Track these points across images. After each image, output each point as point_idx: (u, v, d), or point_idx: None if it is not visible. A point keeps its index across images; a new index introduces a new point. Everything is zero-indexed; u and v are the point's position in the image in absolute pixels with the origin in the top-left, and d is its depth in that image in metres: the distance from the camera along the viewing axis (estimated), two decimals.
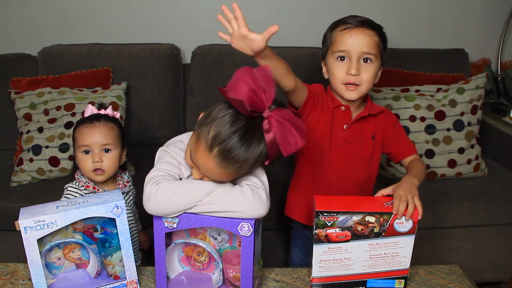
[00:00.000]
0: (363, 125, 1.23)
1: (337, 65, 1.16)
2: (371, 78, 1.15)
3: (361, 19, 1.15)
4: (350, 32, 1.14)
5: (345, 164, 1.24)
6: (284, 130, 0.86)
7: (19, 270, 1.08)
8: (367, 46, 1.13)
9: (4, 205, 1.66)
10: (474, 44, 2.31)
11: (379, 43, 1.15)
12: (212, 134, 0.87)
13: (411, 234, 0.97)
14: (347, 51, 1.14)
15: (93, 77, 2.02)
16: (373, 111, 1.22)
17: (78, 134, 1.20)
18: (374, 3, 2.25)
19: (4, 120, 2.05)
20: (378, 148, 1.26)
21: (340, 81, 1.16)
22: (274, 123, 0.86)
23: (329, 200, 0.98)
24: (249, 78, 0.85)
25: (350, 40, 1.13)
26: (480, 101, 1.88)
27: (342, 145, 1.22)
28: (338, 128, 1.22)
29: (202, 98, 2.11)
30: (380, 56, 1.16)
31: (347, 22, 1.16)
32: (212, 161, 0.88)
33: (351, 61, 1.14)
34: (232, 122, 0.87)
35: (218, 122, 0.87)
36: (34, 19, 2.23)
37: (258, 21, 2.29)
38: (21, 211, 0.91)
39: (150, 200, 0.90)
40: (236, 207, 0.91)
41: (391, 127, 1.26)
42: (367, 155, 1.24)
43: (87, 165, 1.18)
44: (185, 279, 1.04)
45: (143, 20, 2.26)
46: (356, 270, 1.00)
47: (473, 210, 1.74)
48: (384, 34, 1.18)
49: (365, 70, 1.14)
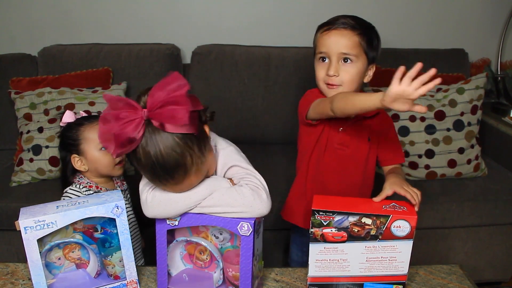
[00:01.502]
0: (359, 127, 1.22)
1: (319, 65, 1.19)
2: (352, 78, 1.15)
3: (343, 20, 1.15)
4: (328, 34, 1.16)
5: (341, 167, 1.23)
6: (166, 112, 0.81)
7: (19, 270, 1.08)
8: (345, 47, 1.13)
9: (4, 205, 1.67)
10: (474, 44, 2.31)
11: (360, 42, 1.14)
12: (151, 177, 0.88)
13: (409, 239, 0.96)
14: (326, 52, 1.16)
15: (93, 77, 2.02)
16: (368, 113, 1.20)
17: (91, 133, 1.20)
18: (374, 3, 2.25)
19: (4, 120, 2.05)
20: (374, 149, 1.25)
21: (321, 81, 1.19)
22: (157, 116, 0.81)
23: (327, 200, 0.98)
24: (111, 124, 0.81)
25: (329, 41, 1.15)
26: (480, 101, 1.88)
27: (337, 148, 1.22)
28: (333, 131, 1.22)
29: (202, 98, 2.06)
30: (365, 55, 1.16)
31: (329, 23, 1.17)
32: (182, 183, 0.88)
33: (330, 62, 1.15)
34: (146, 161, 0.84)
35: (144, 167, 0.85)
36: (34, 19, 2.23)
37: (258, 21, 2.31)
38: (21, 211, 0.91)
39: (148, 207, 0.91)
40: (236, 208, 0.91)
41: (385, 131, 1.26)
42: (363, 157, 1.24)
43: (108, 160, 1.21)
44: (187, 277, 1.05)
45: (143, 20, 2.26)
46: (352, 272, 1.00)
47: (473, 210, 1.74)
48: (371, 33, 1.17)
49: (345, 71, 1.15)
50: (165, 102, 0.81)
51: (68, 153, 1.24)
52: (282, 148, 2.09)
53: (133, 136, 0.81)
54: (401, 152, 1.27)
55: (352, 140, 1.22)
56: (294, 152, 1.30)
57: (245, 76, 2.09)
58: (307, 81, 2.13)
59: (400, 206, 0.97)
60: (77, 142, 1.21)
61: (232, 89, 2.09)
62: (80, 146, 1.22)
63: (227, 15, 2.28)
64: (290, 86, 2.09)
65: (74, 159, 1.23)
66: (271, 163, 1.95)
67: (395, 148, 1.26)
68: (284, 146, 2.10)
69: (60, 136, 1.26)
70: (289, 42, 2.24)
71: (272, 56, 2.11)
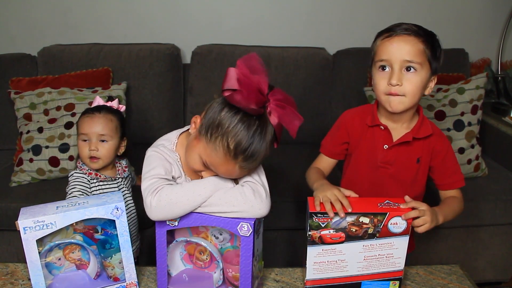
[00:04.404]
0: (407, 147, 1.13)
1: (379, 75, 1.09)
2: (416, 89, 1.06)
3: (406, 26, 1.07)
4: (390, 40, 1.06)
5: (382, 187, 1.17)
6: (283, 111, 0.89)
7: (19, 270, 1.08)
8: (409, 54, 1.04)
9: (4, 205, 1.66)
10: (474, 44, 2.31)
11: (424, 50, 1.05)
12: (234, 145, 0.87)
13: (405, 235, 0.97)
14: (387, 60, 1.06)
15: (93, 77, 2.02)
16: (420, 134, 1.12)
17: (80, 123, 1.29)
18: (374, 3, 2.25)
19: (4, 120, 2.05)
20: (424, 170, 1.17)
21: (382, 92, 1.08)
22: (273, 107, 0.89)
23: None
24: (245, 77, 0.86)
25: (391, 48, 1.06)
26: (480, 101, 1.88)
27: (380, 166, 1.16)
28: (378, 148, 1.15)
29: (202, 98, 2.11)
30: (429, 64, 1.07)
31: (390, 29, 1.08)
32: (237, 166, 0.90)
33: (392, 71, 1.06)
34: (248, 127, 0.87)
35: (234, 132, 0.87)
36: (34, 19, 2.23)
37: (258, 21, 2.31)
38: (21, 211, 0.91)
39: (152, 211, 0.91)
40: (237, 208, 0.92)
41: (441, 157, 1.15)
42: (408, 178, 1.16)
43: (84, 152, 1.27)
44: (187, 277, 1.05)
45: (143, 20, 2.26)
46: (350, 272, 1.00)
47: (474, 210, 1.74)
48: (435, 41, 1.09)
49: (408, 80, 1.05)
50: (285, 99, 0.90)
51: None
52: (282, 147, 2.08)
53: (265, 99, 0.88)
54: (459, 176, 1.17)
55: (398, 160, 1.14)
56: (293, 152, 1.29)
57: None
58: (307, 80, 2.13)
59: (395, 203, 0.97)
60: (77, 129, 1.31)
61: None
62: (77, 132, 1.31)
63: (227, 15, 2.28)
64: (290, 86, 2.09)
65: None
66: (270, 162, 1.95)
67: (452, 172, 1.16)
68: (284, 146, 2.10)
69: None
70: (289, 42, 2.24)
71: (272, 56, 2.11)
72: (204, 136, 0.91)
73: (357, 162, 1.20)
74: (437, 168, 1.16)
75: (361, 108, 1.21)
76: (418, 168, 1.16)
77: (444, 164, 1.16)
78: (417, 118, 1.15)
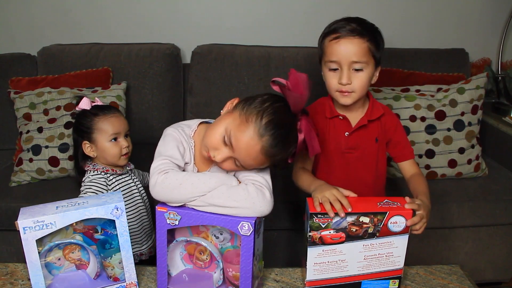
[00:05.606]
0: (365, 130, 1.24)
1: (330, 74, 1.18)
2: (364, 84, 1.17)
3: (350, 27, 1.14)
4: (338, 43, 1.14)
5: (351, 170, 1.26)
6: (310, 133, 0.96)
7: (19, 270, 1.08)
8: (356, 55, 1.13)
9: (4, 205, 1.66)
10: (475, 44, 2.30)
11: (369, 48, 1.14)
12: (266, 121, 0.92)
13: (404, 234, 0.97)
14: (337, 62, 1.15)
15: (93, 77, 2.02)
16: (373, 116, 1.23)
17: (104, 124, 1.29)
18: (374, 3, 2.25)
19: (4, 120, 2.05)
20: (383, 149, 1.28)
21: (333, 90, 1.19)
22: (304, 125, 0.96)
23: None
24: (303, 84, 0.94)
25: (339, 50, 1.14)
26: (480, 101, 1.88)
27: (345, 152, 1.25)
28: (340, 136, 1.24)
29: (202, 98, 2.10)
30: (373, 59, 1.16)
31: (337, 30, 1.16)
32: (259, 146, 0.92)
33: (342, 71, 1.15)
34: (284, 114, 0.94)
35: (271, 110, 0.92)
36: (34, 19, 2.23)
37: (258, 21, 2.31)
38: (21, 211, 0.91)
39: (156, 187, 0.93)
40: (239, 203, 0.92)
41: (392, 131, 1.28)
42: (372, 158, 1.27)
43: (115, 151, 1.30)
44: (187, 277, 1.04)
45: (143, 20, 2.26)
46: (350, 272, 1.00)
47: (473, 210, 1.74)
48: (377, 36, 1.17)
49: (357, 78, 1.15)
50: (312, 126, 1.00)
51: (80, 138, 1.32)
52: None
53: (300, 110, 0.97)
54: (409, 148, 1.29)
55: (360, 143, 1.25)
56: None
57: (245, 76, 2.08)
58: None
59: (394, 202, 0.98)
60: (90, 131, 1.30)
61: (232, 89, 2.08)
62: (93, 135, 1.30)
63: (227, 15, 2.28)
64: None
65: (85, 145, 1.31)
66: None
67: (403, 145, 1.28)
68: None
69: (75, 121, 1.35)
70: (289, 42, 2.23)
71: (272, 56, 2.11)
72: (240, 109, 0.96)
73: (326, 152, 1.26)
74: (391, 142, 1.28)
75: (314, 105, 1.30)
76: (378, 147, 1.26)
77: (396, 137, 1.28)
78: (368, 102, 1.26)
